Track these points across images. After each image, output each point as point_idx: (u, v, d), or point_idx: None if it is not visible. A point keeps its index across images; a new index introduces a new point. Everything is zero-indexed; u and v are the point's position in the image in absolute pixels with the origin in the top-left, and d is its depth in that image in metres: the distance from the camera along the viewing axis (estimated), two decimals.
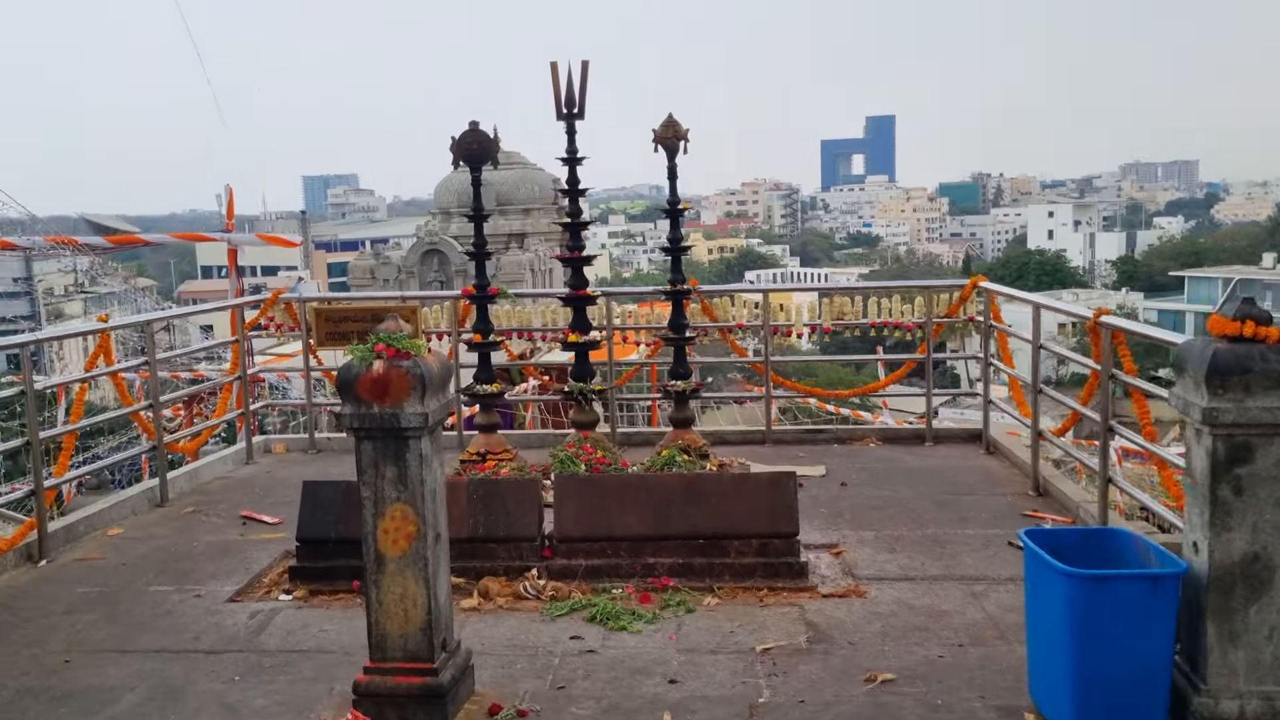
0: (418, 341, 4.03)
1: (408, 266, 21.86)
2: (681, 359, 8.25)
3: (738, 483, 5.89)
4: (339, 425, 14.53)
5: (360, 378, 3.95)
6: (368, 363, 3.96)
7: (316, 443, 9.24)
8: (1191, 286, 76.35)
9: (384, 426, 3.96)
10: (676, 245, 8.15)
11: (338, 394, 4.00)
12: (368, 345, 4.00)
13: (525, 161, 25.43)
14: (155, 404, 7.49)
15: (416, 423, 3.95)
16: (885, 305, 8.74)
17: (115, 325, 7.05)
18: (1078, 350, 8.27)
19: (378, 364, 3.95)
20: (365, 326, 8.79)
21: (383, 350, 3.96)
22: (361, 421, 3.97)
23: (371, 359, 3.96)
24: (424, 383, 3.94)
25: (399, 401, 3.95)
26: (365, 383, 3.95)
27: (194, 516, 7.35)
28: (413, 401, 3.95)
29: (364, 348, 3.99)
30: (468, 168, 8.17)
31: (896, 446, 8.74)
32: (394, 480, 4.02)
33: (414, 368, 3.95)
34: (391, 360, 3.95)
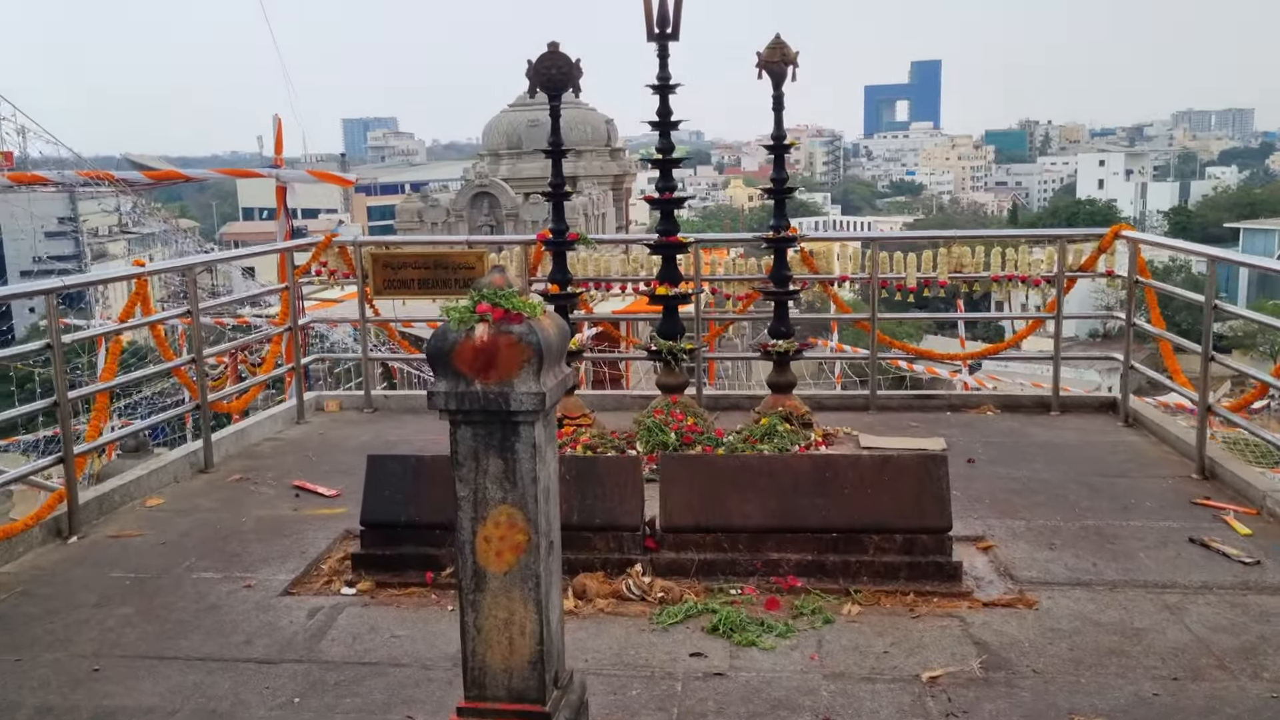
0: (531, 300, 3.14)
1: (457, 209, 21.00)
2: (783, 316, 7.33)
3: (878, 467, 4.99)
4: (391, 383, 13.76)
5: (459, 346, 3.07)
6: (469, 326, 3.08)
7: (373, 401, 8.43)
8: (1247, 239, 74.23)
9: (488, 409, 3.09)
10: (781, 187, 7.19)
11: (430, 365, 3.13)
12: (467, 304, 3.11)
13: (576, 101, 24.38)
14: (198, 357, 6.69)
15: (530, 404, 3.07)
16: (1011, 256, 7.75)
17: (153, 269, 6.25)
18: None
19: (481, 329, 3.07)
20: (427, 274, 7.97)
21: (487, 311, 3.08)
22: (460, 402, 3.09)
23: (473, 322, 3.07)
24: (540, 353, 3.06)
25: (508, 377, 3.07)
26: (466, 353, 3.07)
27: (242, 485, 6.57)
28: (525, 377, 3.07)
29: (463, 307, 3.11)
30: (545, 95, 7.21)
31: (1019, 415, 7.80)
32: (499, 477, 3.15)
33: (528, 334, 3.06)
34: (499, 324, 3.07)
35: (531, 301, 3.12)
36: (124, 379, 6.05)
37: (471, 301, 3.12)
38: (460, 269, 8.10)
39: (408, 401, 8.53)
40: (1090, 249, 7.66)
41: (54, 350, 5.45)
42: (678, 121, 7.14)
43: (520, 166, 22.99)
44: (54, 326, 5.41)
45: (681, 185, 70.74)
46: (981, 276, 7.83)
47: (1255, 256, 7.05)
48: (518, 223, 20.77)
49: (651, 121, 7.13)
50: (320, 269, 8.24)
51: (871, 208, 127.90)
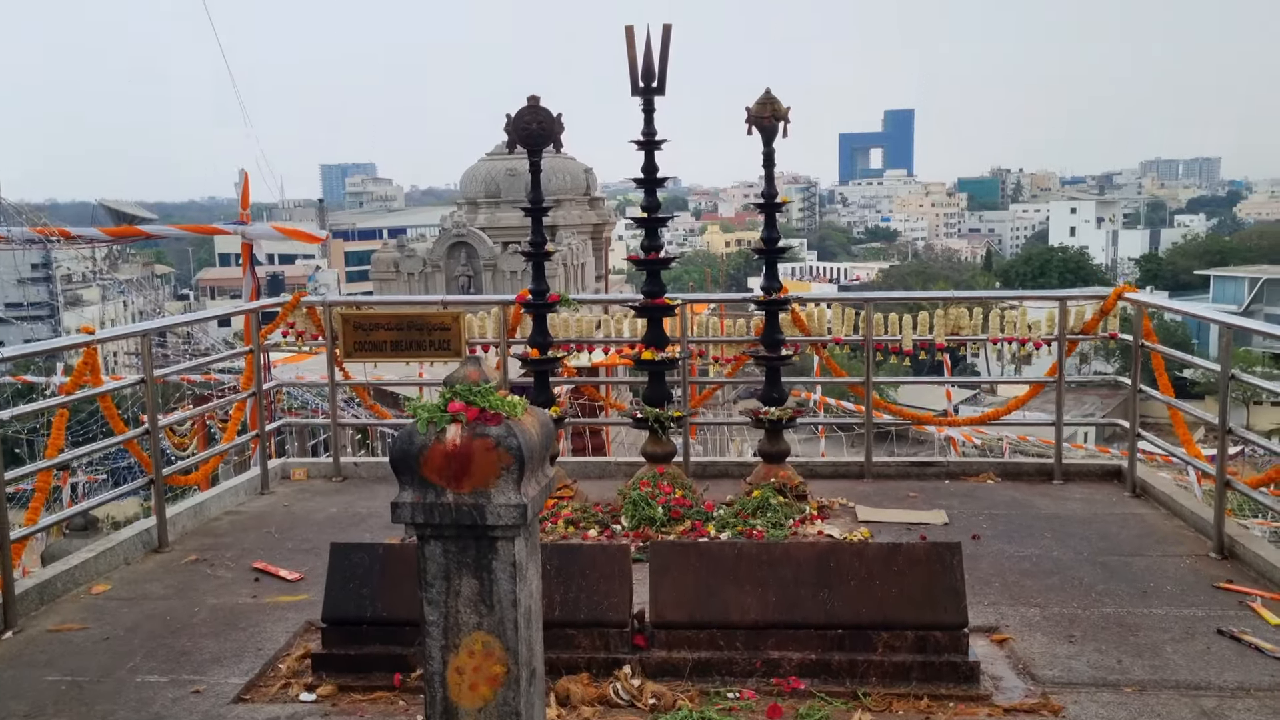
0: (511, 398, 2.76)
1: (433, 259, 20.63)
2: (775, 381, 6.97)
3: (886, 557, 4.61)
4: (367, 444, 13.32)
5: (428, 451, 2.69)
6: (439, 428, 2.69)
7: (342, 469, 7.99)
8: (1217, 286, 75.03)
9: (462, 523, 2.70)
10: (773, 246, 6.87)
11: (394, 472, 2.73)
12: (438, 403, 2.73)
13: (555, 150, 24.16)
14: (153, 429, 6.25)
15: (510, 518, 2.69)
16: (1010, 317, 7.44)
17: (103, 337, 5.83)
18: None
19: (454, 431, 2.69)
20: (400, 336, 7.58)
21: (461, 410, 2.69)
22: (429, 515, 2.70)
23: (445, 423, 2.69)
24: (521, 459, 2.68)
25: (484, 486, 2.69)
26: (436, 458, 2.69)
27: (197, 567, 6.11)
28: (504, 486, 2.69)
29: (433, 406, 2.72)
30: (524, 151, 6.89)
31: (1021, 484, 7.44)
32: (474, 599, 2.76)
33: (507, 437, 2.68)
34: (474, 425, 2.69)
35: (511, 399, 2.74)
36: (69, 456, 5.61)
37: (443, 399, 2.73)
38: (435, 330, 7.71)
39: (379, 469, 8.09)
40: (1092, 307, 7.36)
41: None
42: (664, 179, 6.83)
43: (499, 216, 22.70)
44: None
45: (660, 233, 70.14)
46: (979, 339, 7.52)
47: (1270, 325, 6.74)
48: (496, 273, 20.42)
49: (636, 179, 6.82)
50: (288, 330, 7.84)
51: (847, 253, 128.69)
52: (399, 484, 2.73)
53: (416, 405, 2.74)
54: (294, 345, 7.90)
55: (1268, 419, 41.93)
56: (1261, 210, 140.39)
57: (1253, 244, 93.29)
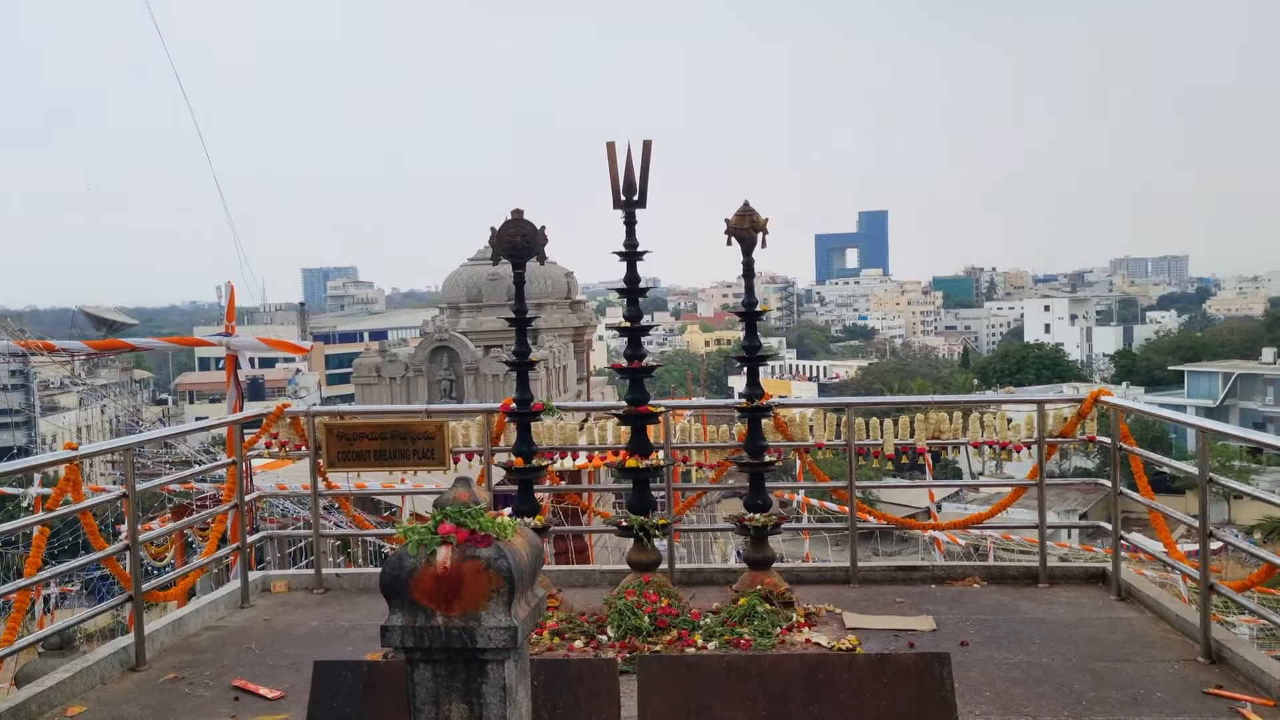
0: (501, 519, 2.78)
1: (415, 364, 20.69)
2: (759, 488, 7.00)
3: (876, 669, 4.58)
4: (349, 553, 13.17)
5: (418, 574, 2.70)
6: (429, 551, 2.71)
7: (324, 580, 7.90)
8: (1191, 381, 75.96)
9: (451, 646, 2.70)
10: (754, 354, 6.97)
11: (384, 595, 2.74)
12: (428, 526, 2.75)
13: None
14: (133, 545, 6.20)
15: (500, 640, 2.69)
16: (989, 421, 7.52)
17: (88, 452, 5.82)
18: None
19: (444, 553, 2.70)
20: (384, 445, 7.59)
21: (451, 532, 2.71)
22: (418, 639, 2.70)
23: (435, 545, 2.71)
24: (511, 581, 2.69)
25: (474, 609, 2.69)
26: (426, 581, 2.69)
27: (175, 687, 6.00)
28: (494, 609, 2.70)
29: (423, 529, 2.74)
30: (508, 263, 7.01)
31: (1007, 588, 7.43)
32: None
33: (497, 559, 2.70)
34: (464, 547, 2.71)
35: (502, 521, 2.77)
36: (49, 573, 5.54)
37: (433, 521, 2.75)
38: (419, 439, 7.72)
39: (361, 580, 8.00)
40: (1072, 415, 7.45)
41: None
42: (646, 288, 6.95)
43: (480, 319, 22.86)
44: None
45: (642, 341, 70.58)
46: (960, 442, 7.59)
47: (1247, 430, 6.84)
48: (478, 377, 20.48)
49: (619, 289, 6.93)
50: (271, 441, 7.83)
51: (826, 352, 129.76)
52: (389, 607, 2.73)
53: (406, 528, 2.76)
54: (277, 455, 7.88)
55: (1247, 513, 41.98)
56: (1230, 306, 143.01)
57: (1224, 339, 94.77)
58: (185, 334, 60.61)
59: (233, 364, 9.27)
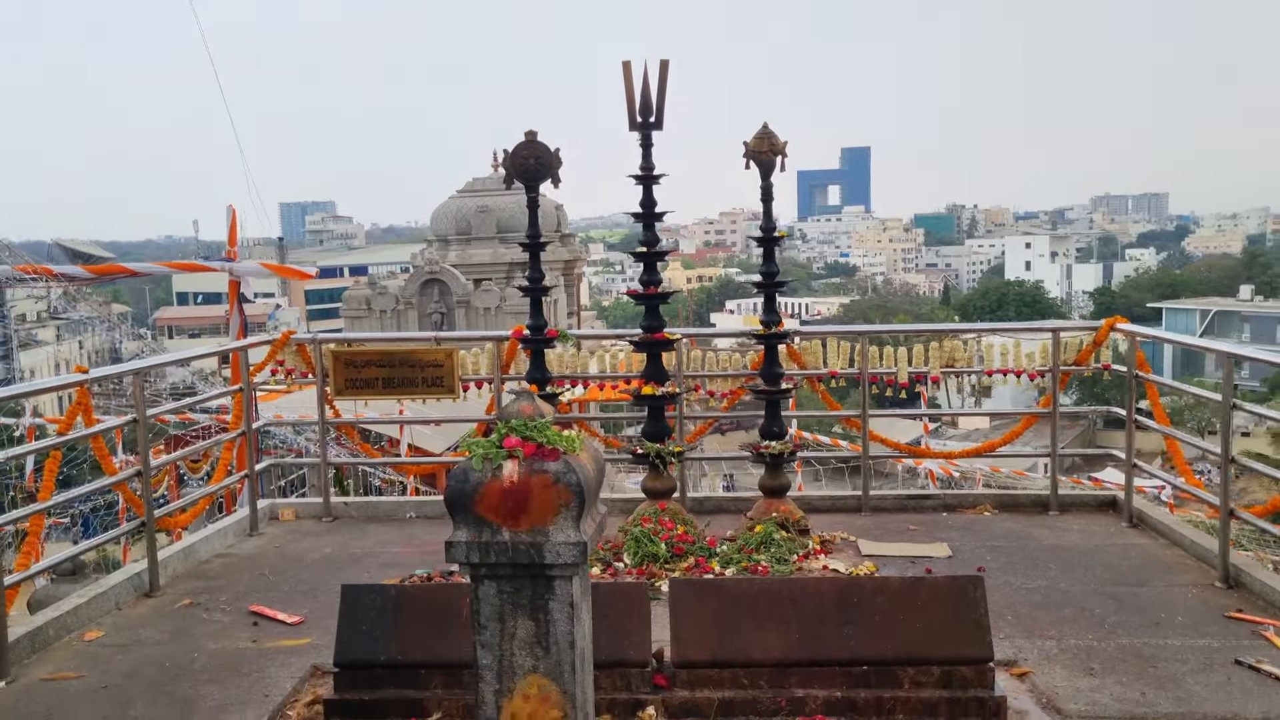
0: (568, 432, 2.70)
1: (406, 297, 20.50)
2: (775, 415, 6.95)
3: (909, 591, 4.57)
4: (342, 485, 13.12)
5: (484, 489, 2.62)
6: (496, 465, 2.63)
7: (332, 509, 7.84)
8: (1169, 318, 76.32)
9: (518, 562, 2.63)
10: (771, 280, 6.87)
11: (448, 510, 2.66)
12: (493, 439, 2.67)
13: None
14: (145, 471, 6.10)
15: (569, 556, 2.62)
16: (1004, 348, 7.48)
17: (98, 374, 5.70)
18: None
19: (510, 467, 2.62)
20: (392, 373, 7.48)
21: (517, 446, 2.63)
22: (484, 554, 2.63)
23: (501, 459, 2.63)
24: (581, 496, 2.62)
25: (542, 524, 2.62)
26: (492, 496, 2.62)
27: (192, 611, 5.95)
28: (563, 524, 2.63)
29: (488, 443, 2.66)
30: (498, 188, 6.86)
31: (1018, 516, 7.45)
32: (529, 641, 2.68)
33: (565, 473, 2.62)
34: (531, 462, 2.63)
35: (568, 434, 2.69)
36: (62, 497, 5.45)
37: (498, 435, 2.67)
38: (428, 367, 7.63)
39: (369, 509, 7.95)
40: (1087, 342, 7.41)
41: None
42: (662, 213, 6.81)
43: (470, 252, 22.63)
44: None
45: (620, 267, 70.39)
46: (975, 371, 7.55)
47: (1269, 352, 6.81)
48: (469, 310, 20.32)
49: (635, 213, 6.80)
50: (276, 368, 7.71)
51: (808, 289, 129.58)
52: (453, 523, 2.65)
53: (470, 442, 2.67)
54: (283, 383, 7.77)
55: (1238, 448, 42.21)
56: (1209, 244, 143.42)
57: (1202, 276, 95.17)
58: None
59: (236, 290, 9.10)
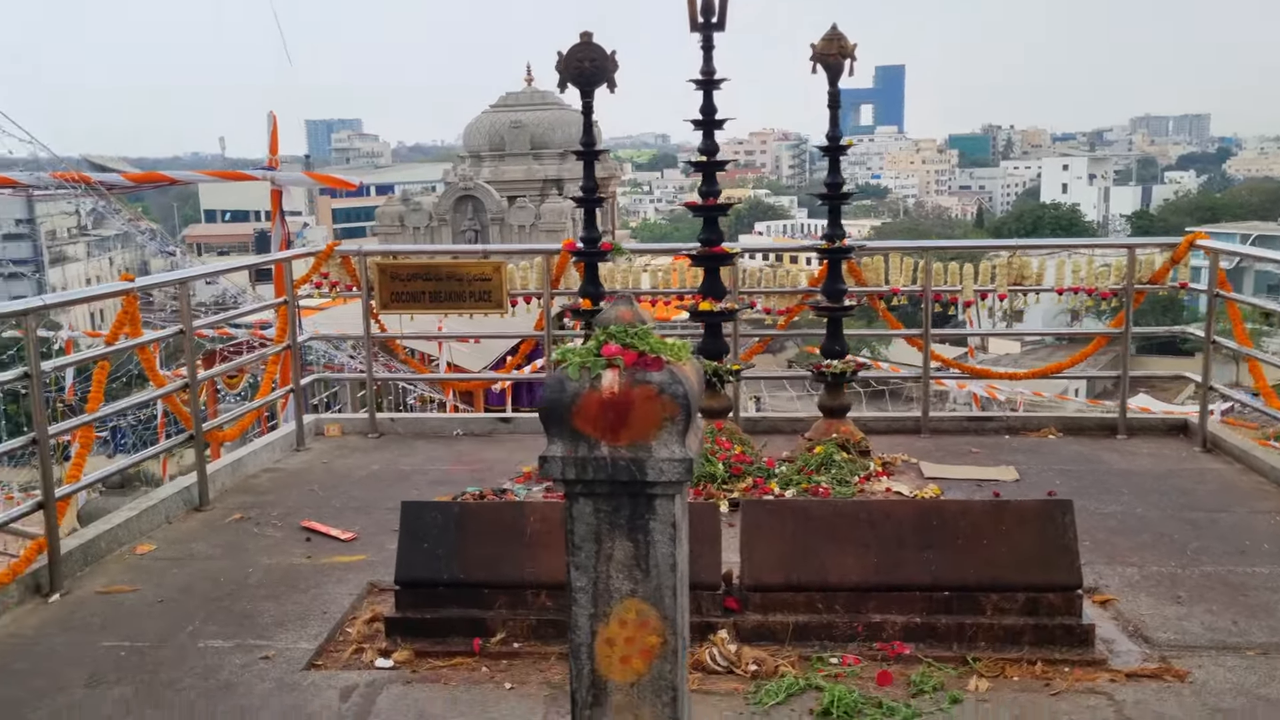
0: (671, 340, 2.48)
1: (439, 213, 20.23)
2: (837, 333, 6.71)
3: (994, 514, 4.37)
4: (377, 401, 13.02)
5: (582, 400, 2.41)
6: (594, 375, 2.41)
7: (378, 425, 7.71)
8: None
9: (618, 479, 2.43)
10: (837, 192, 6.58)
11: (542, 423, 2.46)
12: (590, 346, 2.45)
13: (560, 102, 23.72)
14: (192, 383, 5.96)
15: (674, 473, 2.42)
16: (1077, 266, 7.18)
17: (145, 283, 5.52)
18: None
19: (610, 377, 2.41)
20: (439, 286, 7.29)
21: (617, 354, 2.42)
22: (581, 470, 2.43)
23: (599, 368, 2.41)
24: (687, 408, 2.41)
25: (643, 439, 2.42)
26: (590, 407, 2.41)
27: (243, 526, 5.85)
28: (667, 439, 2.42)
29: (585, 350, 2.45)
30: (531, 103, 6.57)
31: (1084, 439, 7.22)
32: (627, 564, 2.50)
33: (670, 384, 2.41)
34: (633, 371, 2.41)
35: (673, 343, 2.47)
36: (110, 409, 5.33)
37: (596, 342, 2.45)
38: (475, 281, 7.42)
39: (417, 425, 7.82)
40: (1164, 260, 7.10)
41: (33, 380, 4.71)
42: (722, 120, 6.50)
43: (503, 169, 22.26)
44: (33, 354, 4.67)
45: (648, 187, 68.76)
46: (1045, 289, 7.26)
47: None
48: (503, 227, 20.05)
49: (695, 120, 6.48)
50: (320, 281, 7.53)
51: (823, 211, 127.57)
52: (547, 436, 2.46)
53: (567, 350, 2.46)
54: (327, 295, 7.60)
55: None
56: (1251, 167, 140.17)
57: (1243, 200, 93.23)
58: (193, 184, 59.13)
59: (278, 201, 8.88)
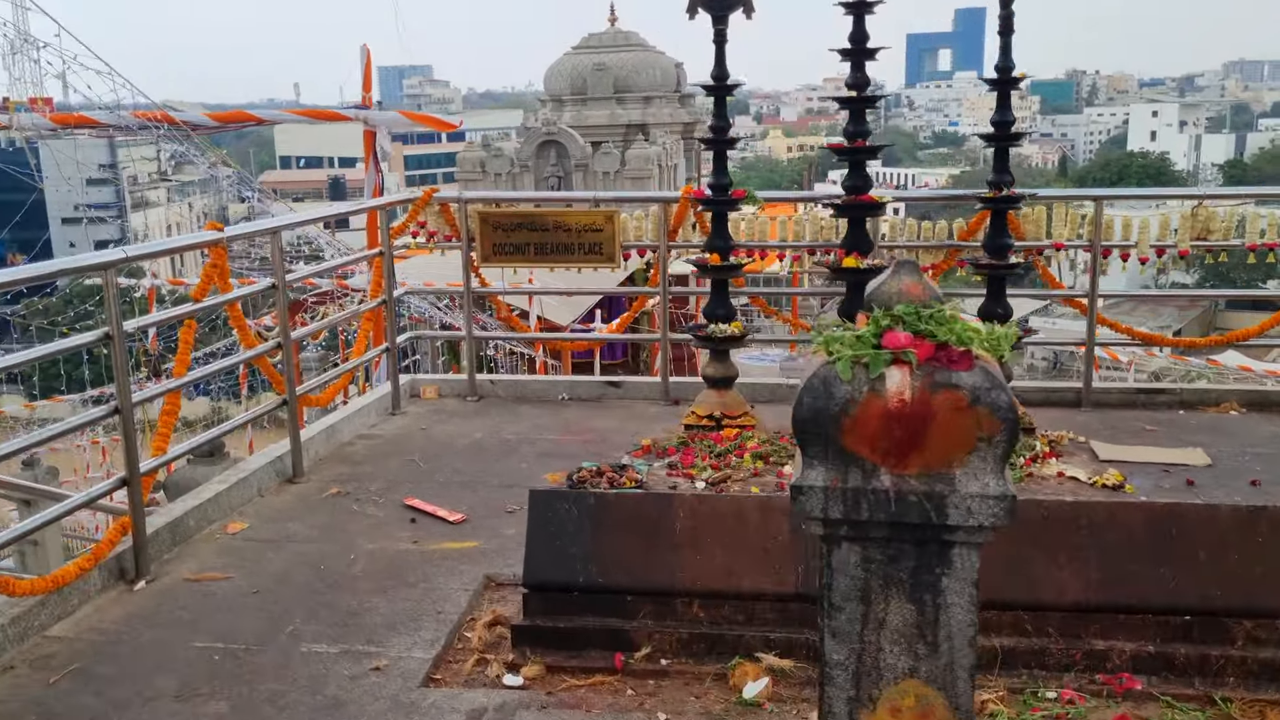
0: (994, 328, 1.78)
1: (522, 159, 19.57)
2: (1000, 293, 5.91)
3: (1246, 522, 3.62)
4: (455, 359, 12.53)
5: (858, 410, 1.73)
6: (874, 376, 1.72)
7: (478, 387, 7.13)
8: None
9: (904, 520, 1.75)
10: (1006, 131, 5.77)
11: (796, 436, 1.78)
12: (866, 334, 1.76)
13: (644, 43, 22.83)
14: (286, 342, 5.40)
15: (986, 515, 1.74)
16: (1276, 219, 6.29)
17: (234, 233, 4.94)
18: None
19: (900, 379, 1.72)
20: (545, 237, 6.64)
21: (908, 346, 1.72)
22: (852, 506, 1.76)
23: (884, 365, 1.72)
24: (1011, 426, 1.71)
25: (944, 465, 1.73)
26: (871, 421, 1.73)
27: (340, 502, 5.30)
28: (978, 466, 1.73)
29: (860, 340, 1.75)
30: (614, 45, 5.80)
31: (1274, 415, 6.38)
32: (906, 633, 1.82)
33: (987, 391, 1.71)
34: (934, 371, 1.72)
35: (996, 332, 1.76)
36: (200, 373, 4.78)
37: (873, 327, 1.76)
38: (586, 231, 6.75)
39: (519, 389, 7.23)
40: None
41: (115, 342, 4.16)
42: (874, 49, 5.70)
43: (585, 113, 21.49)
44: (114, 313, 4.11)
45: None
46: (1232, 245, 6.39)
47: None
48: (587, 173, 19.34)
49: (842, 50, 5.70)
50: (417, 230, 6.92)
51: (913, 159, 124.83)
52: (803, 456, 1.78)
53: (832, 337, 1.77)
54: (424, 245, 6.99)
55: None
56: None
57: None
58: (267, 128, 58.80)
59: (371, 142, 8.27)
